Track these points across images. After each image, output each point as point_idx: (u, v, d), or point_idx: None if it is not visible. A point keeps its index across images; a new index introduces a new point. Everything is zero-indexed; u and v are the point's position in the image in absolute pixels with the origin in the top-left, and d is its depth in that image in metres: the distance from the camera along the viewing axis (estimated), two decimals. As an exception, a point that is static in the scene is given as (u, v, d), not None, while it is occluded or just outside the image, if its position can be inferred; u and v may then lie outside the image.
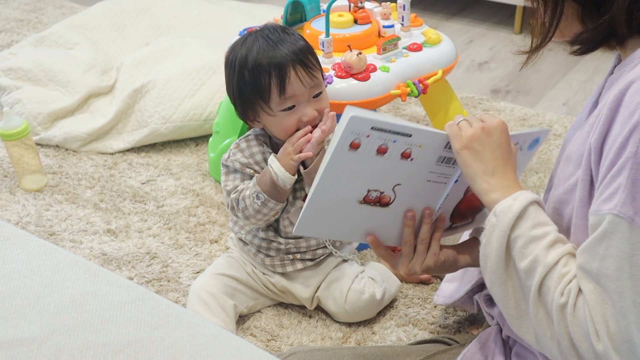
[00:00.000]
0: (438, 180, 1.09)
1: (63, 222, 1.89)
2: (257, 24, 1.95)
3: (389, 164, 1.03)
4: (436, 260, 1.15)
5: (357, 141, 0.98)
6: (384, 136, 0.99)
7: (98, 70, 2.44)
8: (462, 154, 1.02)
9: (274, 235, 1.50)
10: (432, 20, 3.09)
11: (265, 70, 1.35)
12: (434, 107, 1.92)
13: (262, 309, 1.60)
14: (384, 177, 1.05)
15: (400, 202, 1.09)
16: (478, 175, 1.02)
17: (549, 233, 0.95)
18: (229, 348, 0.93)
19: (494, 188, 1.00)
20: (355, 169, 1.02)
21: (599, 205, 0.88)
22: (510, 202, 0.97)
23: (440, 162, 1.07)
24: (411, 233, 1.12)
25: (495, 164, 1.01)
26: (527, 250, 0.94)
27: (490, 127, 1.03)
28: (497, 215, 0.98)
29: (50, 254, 1.07)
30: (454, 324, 1.55)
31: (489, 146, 1.02)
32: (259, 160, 1.44)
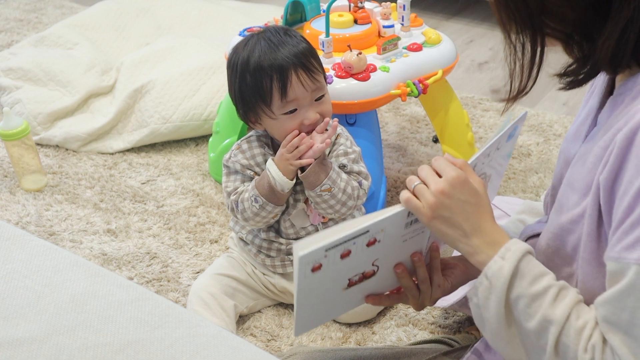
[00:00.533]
0: (414, 235, 1.06)
1: (63, 222, 1.89)
2: (257, 24, 1.95)
3: (358, 257, 0.99)
4: (443, 290, 1.12)
5: (316, 265, 0.95)
6: (340, 247, 0.96)
7: (98, 70, 2.44)
8: (433, 225, 0.98)
9: (275, 236, 1.50)
10: (432, 20, 3.09)
11: (266, 74, 1.35)
12: (434, 107, 1.92)
13: (262, 309, 1.60)
14: (357, 265, 1.02)
15: (384, 267, 1.06)
16: (458, 240, 0.98)
17: (550, 286, 0.91)
18: (229, 348, 0.93)
19: (477, 249, 0.96)
20: (327, 278, 0.99)
21: (620, 252, 0.85)
22: (500, 263, 0.93)
23: (408, 226, 1.03)
24: (408, 280, 1.09)
25: (469, 224, 0.97)
26: (531, 309, 0.91)
27: (448, 188, 0.97)
28: (489, 278, 0.94)
29: (50, 254, 1.07)
30: (454, 324, 1.55)
31: (455, 208, 0.97)
32: (260, 162, 1.44)
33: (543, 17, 0.90)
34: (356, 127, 1.72)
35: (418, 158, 2.13)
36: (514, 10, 0.92)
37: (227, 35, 2.49)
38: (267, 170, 1.37)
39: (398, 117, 2.36)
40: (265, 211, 1.40)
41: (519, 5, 0.91)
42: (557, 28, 0.91)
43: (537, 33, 0.93)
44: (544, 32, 0.92)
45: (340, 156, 1.45)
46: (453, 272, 1.14)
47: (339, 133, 1.47)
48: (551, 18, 0.90)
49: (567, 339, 0.88)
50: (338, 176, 1.39)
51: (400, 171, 2.06)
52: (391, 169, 2.07)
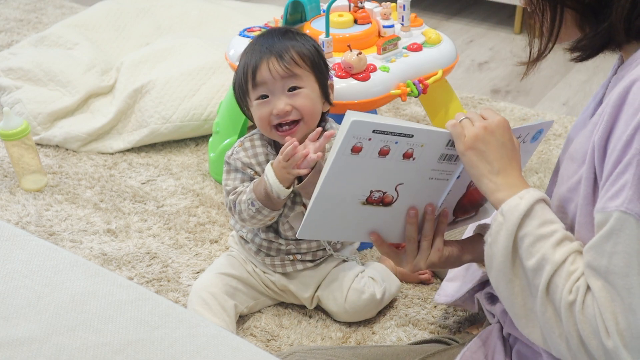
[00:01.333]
0: (440, 177, 1.09)
1: (63, 222, 1.89)
2: (257, 24, 1.96)
3: (391, 164, 1.03)
4: (440, 256, 1.15)
5: (358, 145, 0.98)
6: (385, 138, 0.99)
7: (98, 70, 2.44)
8: (467, 155, 1.02)
9: (275, 237, 1.50)
10: (432, 20, 3.09)
11: (249, 59, 1.40)
12: (434, 107, 1.92)
13: (262, 309, 1.60)
14: (386, 177, 1.05)
15: (402, 201, 1.09)
16: (484, 175, 1.02)
17: (556, 231, 0.95)
18: (229, 348, 0.93)
19: (500, 187, 1.00)
20: (358, 171, 1.02)
21: (605, 202, 0.88)
22: (517, 201, 0.97)
23: (442, 159, 1.07)
24: (414, 230, 1.13)
25: (500, 163, 1.01)
26: (534, 248, 0.94)
27: (493, 126, 1.03)
28: (503, 214, 0.98)
29: (50, 254, 1.07)
30: (454, 324, 1.55)
31: (493, 145, 1.02)
32: (262, 161, 1.45)
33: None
34: (356, 127, 1.71)
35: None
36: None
37: (227, 35, 2.49)
38: (265, 176, 1.37)
39: (398, 117, 2.36)
40: (262, 215, 1.40)
41: None
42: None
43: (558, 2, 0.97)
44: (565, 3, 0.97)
45: None
46: (451, 246, 1.17)
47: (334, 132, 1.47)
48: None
49: (558, 279, 0.92)
50: None
51: (400, 171, 2.06)
52: (391, 169, 2.07)
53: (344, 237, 1.21)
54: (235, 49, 1.81)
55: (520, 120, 2.31)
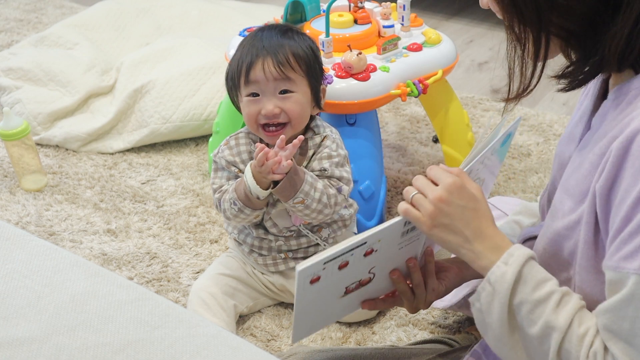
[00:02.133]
0: (410, 242, 1.07)
1: (63, 222, 1.89)
2: (257, 24, 1.95)
3: (355, 267, 1.01)
4: (438, 294, 1.12)
5: (314, 277, 0.97)
6: (339, 259, 0.97)
7: (98, 70, 2.44)
8: (434, 234, 0.98)
9: (264, 233, 1.50)
10: (432, 20, 3.09)
11: (245, 54, 1.40)
12: (434, 107, 1.92)
13: (262, 309, 1.60)
14: (356, 274, 1.04)
15: (381, 274, 1.08)
16: (459, 246, 0.98)
17: (553, 292, 0.91)
18: (229, 348, 0.93)
19: (480, 255, 0.96)
20: (326, 288, 1.01)
21: (618, 261, 0.85)
22: (503, 269, 0.93)
23: (405, 234, 1.04)
24: (403, 284, 1.09)
25: (469, 229, 0.97)
26: (534, 315, 0.91)
27: (446, 195, 0.97)
28: (492, 284, 0.94)
29: (50, 254, 1.07)
30: (454, 324, 1.55)
31: (455, 214, 0.97)
32: (245, 159, 1.45)
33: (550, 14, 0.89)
34: (356, 127, 1.72)
35: (418, 158, 2.13)
36: (522, 6, 0.91)
37: (227, 35, 2.49)
38: (244, 177, 1.37)
39: (398, 117, 2.36)
40: (244, 214, 1.41)
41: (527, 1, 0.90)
42: (562, 25, 0.90)
43: (542, 31, 0.91)
44: (549, 31, 0.91)
45: (323, 159, 1.44)
46: (447, 275, 1.14)
47: (325, 135, 1.47)
48: (558, 14, 0.89)
49: (570, 345, 0.89)
50: (312, 187, 1.38)
51: (400, 171, 2.06)
52: (391, 169, 2.07)
53: (337, 318, 1.22)
54: (235, 49, 1.81)
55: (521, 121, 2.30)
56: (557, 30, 0.91)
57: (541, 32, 0.91)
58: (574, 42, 0.92)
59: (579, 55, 0.93)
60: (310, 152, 1.45)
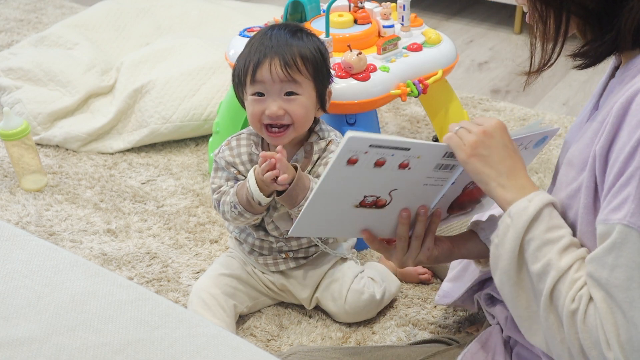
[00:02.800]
0: (435, 184, 1.10)
1: (63, 222, 1.89)
2: (257, 24, 1.95)
3: (387, 173, 1.03)
4: (429, 255, 1.15)
5: (354, 157, 0.99)
6: (381, 151, 0.99)
7: (98, 70, 2.44)
8: (470, 163, 1.01)
9: (265, 234, 1.50)
10: (432, 20, 3.09)
11: (250, 55, 1.39)
12: (434, 107, 1.92)
13: (262, 309, 1.60)
14: (380, 184, 1.05)
15: (395, 204, 1.10)
16: (492, 179, 1.01)
17: (562, 237, 0.94)
18: (229, 348, 0.93)
19: (509, 189, 1.00)
20: (353, 179, 1.03)
21: (607, 214, 0.88)
22: (525, 204, 0.96)
23: (438, 168, 1.07)
24: (406, 230, 1.13)
25: (505, 165, 1.01)
26: (540, 253, 0.94)
27: (491, 129, 1.02)
28: (511, 216, 0.97)
29: (50, 254, 1.07)
30: (454, 324, 1.55)
31: (495, 148, 1.01)
32: (245, 160, 1.45)
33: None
34: (356, 127, 1.72)
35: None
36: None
37: (227, 35, 2.49)
38: (247, 182, 1.37)
39: (398, 117, 2.36)
40: (244, 217, 1.41)
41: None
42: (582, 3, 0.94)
43: (563, 10, 0.95)
44: (570, 10, 0.95)
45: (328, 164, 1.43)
46: (441, 245, 1.17)
47: (330, 139, 1.46)
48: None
49: (562, 286, 0.92)
50: None
51: (400, 171, 2.06)
52: (391, 169, 2.07)
53: (335, 234, 1.23)
54: (235, 49, 1.81)
55: (521, 121, 2.31)
56: (577, 9, 0.95)
57: (562, 11, 0.95)
58: (592, 20, 0.95)
59: (595, 33, 0.96)
60: (315, 156, 1.45)
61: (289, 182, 1.32)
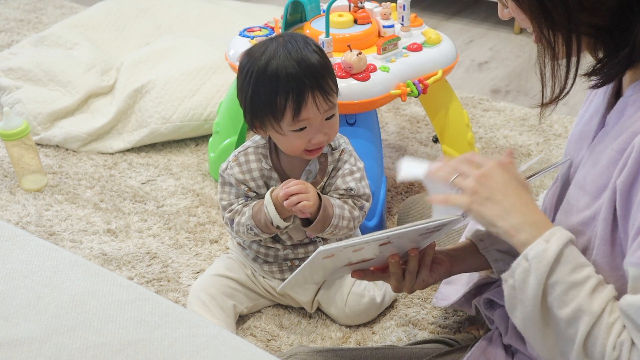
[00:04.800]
0: (423, 240, 1.10)
1: (63, 222, 1.89)
2: (257, 24, 1.95)
3: (367, 251, 1.05)
4: (424, 285, 1.13)
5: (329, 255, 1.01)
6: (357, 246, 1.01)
7: (98, 70, 2.44)
8: (473, 210, 0.96)
9: (272, 242, 1.49)
10: (432, 20, 3.09)
11: (282, 91, 1.28)
12: (434, 107, 1.92)
13: (262, 309, 1.60)
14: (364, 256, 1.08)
15: (383, 256, 1.11)
16: (496, 219, 0.95)
17: (589, 277, 0.90)
18: (229, 348, 0.93)
19: (519, 228, 0.94)
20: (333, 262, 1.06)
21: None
22: (544, 246, 0.90)
23: (423, 235, 1.06)
24: (398, 268, 1.10)
25: (509, 202, 0.95)
26: (567, 297, 0.89)
27: (488, 171, 0.97)
28: (529, 260, 0.91)
29: (50, 254, 1.07)
30: (454, 324, 1.55)
31: (496, 187, 0.96)
32: (256, 177, 1.42)
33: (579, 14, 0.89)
34: (356, 127, 1.72)
35: (418, 158, 2.13)
36: (551, 10, 0.90)
37: (227, 35, 2.49)
38: (265, 208, 1.35)
39: (398, 117, 2.36)
40: (260, 237, 1.43)
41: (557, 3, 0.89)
42: (591, 22, 0.90)
43: (572, 32, 0.90)
44: (579, 31, 0.90)
45: (346, 176, 1.42)
46: (439, 268, 1.15)
47: (343, 148, 1.44)
48: (588, 13, 0.89)
49: (598, 332, 0.88)
50: (340, 219, 1.38)
51: (400, 171, 2.06)
52: (391, 169, 2.07)
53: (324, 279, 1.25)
54: (235, 49, 1.81)
55: (521, 121, 2.31)
56: (587, 29, 0.90)
57: (572, 32, 0.91)
58: (604, 38, 0.91)
59: (608, 50, 0.92)
60: (330, 167, 1.43)
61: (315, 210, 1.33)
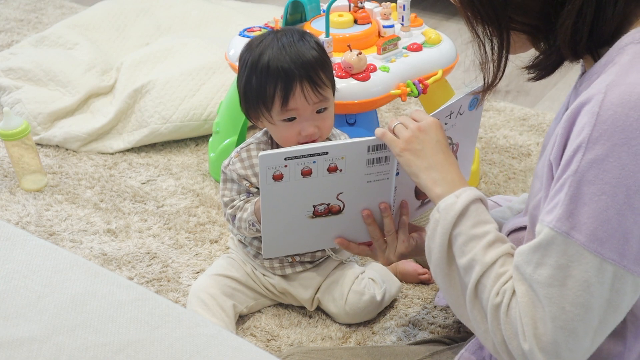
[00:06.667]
0: (378, 179, 1.12)
1: (63, 222, 1.89)
2: (257, 24, 1.96)
3: (320, 180, 1.06)
4: (408, 246, 1.18)
5: (277, 173, 1.02)
6: (300, 161, 1.02)
7: (98, 70, 2.44)
8: (403, 156, 1.06)
9: None
10: (432, 20, 3.09)
11: (272, 79, 1.32)
12: (434, 107, 1.92)
13: (262, 309, 1.60)
14: (321, 192, 1.09)
15: (351, 206, 1.12)
16: (421, 171, 1.05)
17: (488, 232, 0.98)
18: (229, 348, 0.93)
19: (438, 182, 1.04)
20: (290, 193, 1.05)
21: (543, 215, 0.90)
22: (453, 200, 1.01)
23: (370, 164, 1.09)
24: (376, 228, 1.16)
25: (436, 159, 1.05)
26: (466, 248, 0.98)
27: (426, 126, 1.08)
28: (440, 211, 1.01)
29: (50, 254, 1.07)
30: (454, 324, 1.55)
31: (428, 143, 1.06)
32: (258, 172, 1.44)
33: (508, 12, 0.95)
34: (356, 127, 1.72)
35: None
36: (479, 7, 0.97)
37: (227, 35, 2.49)
38: None
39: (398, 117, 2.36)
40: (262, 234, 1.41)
41: (484, 2, 0.96)
42: (522, 21, 0.96)
43: (502, 28, 0.97)
44: (509, 27, 0.97)
45: None
46: (420, 235, 1.21)
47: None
48: (516, 11, 0.95)
49: (487, 280, 0.95)
50: None
51: (400, 171, 2.06)
52: (391, 169, 2.07)
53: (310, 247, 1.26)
54: (235, 49, 1.81)
55: (521, 121, 2.31)
56: (520, 26, 0.97)
57: (502, 29, 0.98)
58: (539, 35, 0.97)
59: (546, 45, 0.99)
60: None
61: None
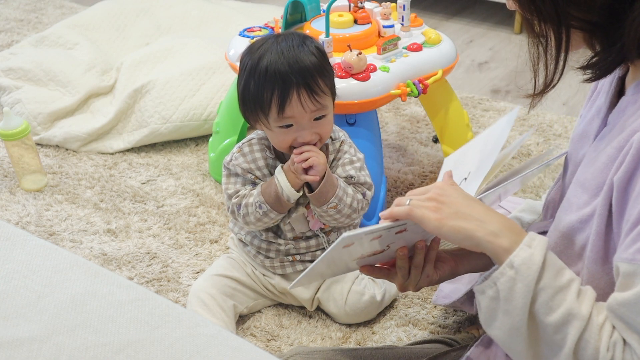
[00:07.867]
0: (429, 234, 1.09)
1: (63, 222, 1.89)
2: (257, 24, 1.96)
3: (383, 240, 1.03)
4: (430, 281, 1.12)
5: (350, 243, 0.99)
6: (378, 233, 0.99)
7: (98, 70, 2.44)
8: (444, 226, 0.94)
9: (274, 237, 1.50)
10: (432, 20, 3.09)
11: (269, 86, 1.31)
12: (434, 107, 1.92)
13: (262, 309, 1.60)
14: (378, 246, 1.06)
15: (393, 249, 1.10)
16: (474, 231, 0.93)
17: (573, 280, 0.89)
18: (229, 348, 0.93)
19: (498, 233, 0.93)
20: (350, 253, 1.04)
21: (634, 254, 0.84)
22: (529, 252, 0.89)
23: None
24: (405, 262, 1.09)
25: (478, 213, 0.95)
26: (554, 302, 0.88)
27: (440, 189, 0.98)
28: (515, 267, 0.89)
29: (50, 254, 1.07)
30: (454, 324, 1.55)
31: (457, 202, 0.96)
32: (261, 165, 1.44)
33: (569, 8, 0.89)
34: (356, 127, 1.72)
35: (418, 158, 2.13)
36: (540, 3, 0.90)
37: (227, 35, 2.49)
38: (276, 179, 1.37)
39: (398, 117, 2.36)
40: (268, 217, 1.41)
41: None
42: (583, 18, 0.90)
43: (562, 25, 0.91)
44: (569, 24, 0.91)
45: (346, 165, 1.44)
46: (443, 267, 1.14)
47: (342, 140, 1.47)
48: (577, 7, 0.89)
49: (589, 335, 0.87)
50: (344, 193, 1.40)
51: (400, 171, 2.06)
52: (391, 169, 2.07)
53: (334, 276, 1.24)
54: (235, 49, 1.81)
55: (521, 121, 2.31)
56: (579, 24, 0.91)
57: (561, 26, 0.91)
58: (598, 33, 0.91)
59: (603, 44, 0.93)
60: (330, 157, 1.45)
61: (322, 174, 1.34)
